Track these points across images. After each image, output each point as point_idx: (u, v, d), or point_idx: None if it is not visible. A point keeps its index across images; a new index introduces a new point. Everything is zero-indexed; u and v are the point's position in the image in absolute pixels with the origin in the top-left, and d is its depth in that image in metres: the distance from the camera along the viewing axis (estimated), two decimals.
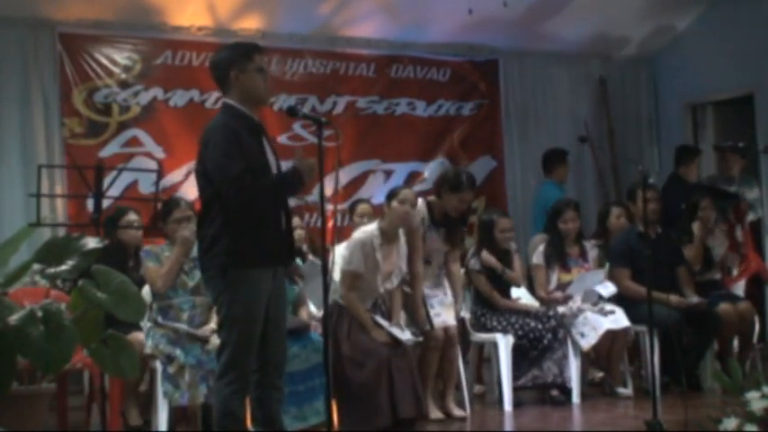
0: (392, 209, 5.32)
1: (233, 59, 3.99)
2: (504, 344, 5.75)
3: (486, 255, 6.02)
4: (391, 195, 5.41)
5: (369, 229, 5.38)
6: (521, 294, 6.24)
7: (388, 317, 5.33)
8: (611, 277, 6.30)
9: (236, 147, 3.85)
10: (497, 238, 6.02)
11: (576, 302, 6.03)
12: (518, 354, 5.77)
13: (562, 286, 6.18)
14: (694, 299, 6.16)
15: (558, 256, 6.20)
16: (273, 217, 3.95)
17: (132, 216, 5.72)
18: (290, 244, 4.11)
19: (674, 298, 6.08)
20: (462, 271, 6.12)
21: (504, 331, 5.80)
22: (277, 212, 3.97)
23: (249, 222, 3.86)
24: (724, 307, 6.19)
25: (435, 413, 5.46)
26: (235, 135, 3.88)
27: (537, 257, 6.27)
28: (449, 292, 5.75)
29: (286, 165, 4.08)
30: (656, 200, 6.22)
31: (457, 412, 5.51)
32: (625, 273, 6.22)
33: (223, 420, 3.89)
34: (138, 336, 5.05)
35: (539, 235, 6.87)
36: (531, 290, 6.38)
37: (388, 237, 5.32)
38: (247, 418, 4.06)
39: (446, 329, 5.52)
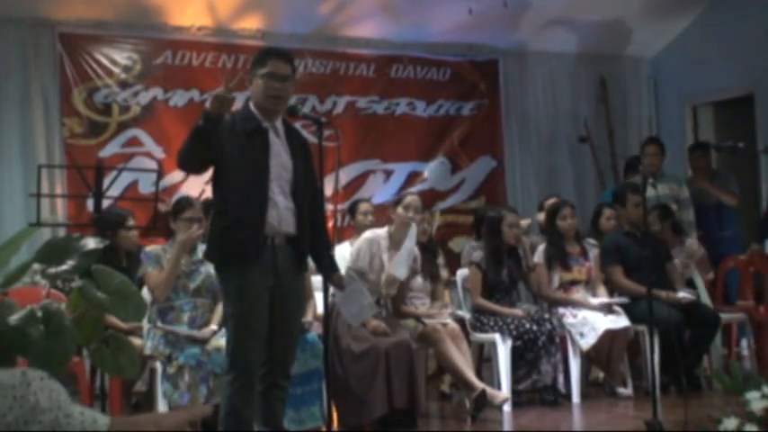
0: (396, 215, 5.40)
1: (252, 62, 4.09)
2: (503, 345, 5.76)
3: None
4: (397, 201, 5.49)
5: (379, 231, 5.50)
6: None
7: (392, 315, 5.40)
8: (605, 275, 6.33)
9: (196, 135, 3.82)
10: (505, 233, 6.01)
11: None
12: (515, 355, 5.76)
13: (564, 285, 6.19)
14: (681, 294, 6.17)
15: (558, 255, 6.20)
16: (249, 216, 3.92)
17: (131, 221, 5.74)
18: (298, 249, 4.07)
19: (664, 295, 6.07)
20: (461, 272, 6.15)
21: (501, 332, 5.80)
22: (254, 212, 3.93)
23: (227, 220, 3.93)
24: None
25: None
26: (204, 128, 3.82)
27: (538, 257, 6.27)
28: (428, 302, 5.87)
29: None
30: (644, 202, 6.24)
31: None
32: (618, 270, 6.28)
33: (227, 419, 3.90)
34: (136, 340, 5.04)
35: (532, 236, 6.93)
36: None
37: (396, 243, 5.42)
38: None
39: (444, 324, 5.55)
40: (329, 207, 6.74)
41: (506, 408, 5.53)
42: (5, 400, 2.07)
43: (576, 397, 5.85)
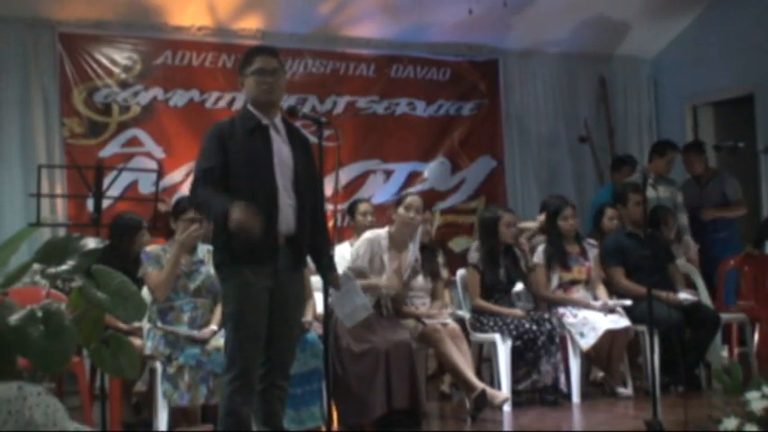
0: (398, 215, 5.39)
1: (240, 64, 4.14)
2: (503, 345, 5.76)
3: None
4: (398, 201, 5.48)
5: (379, 231, 5.50)
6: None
7: (392, 315, 5.41)
8: (606, 276, 6.33)
9: (212, 147, 3.95)
10: (501, 233, 6.01)
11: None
12: (515, 355, 5.76)
13: (564, 285, 6.20)
14: (682, 295, 6.17)
15: (558, 255, 6.21)
16: (261, 215, 3.89)
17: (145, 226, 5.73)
18: (297, 247, 4.06)
19: (664, 295, 6.07)
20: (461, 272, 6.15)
21: (501, 332, 5.79)
22: (265, 211, 3.88)
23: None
24: None
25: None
26: (216, 134, 3.98)
27: (537, 257, 6.27)
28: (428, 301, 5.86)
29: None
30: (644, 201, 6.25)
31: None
32: (619, 271, 6.29)
33: (226, 419, 3.90)
34: (136, 340, 5.04)
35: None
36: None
37: (396, 243, 5.42)
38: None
39: (444, 324, 5.55)
40: (329, 207, 6.74)
41: (506, 408, 5.53)
42: (0, 415, 2.05)
43: (575, 397, 5.85)
